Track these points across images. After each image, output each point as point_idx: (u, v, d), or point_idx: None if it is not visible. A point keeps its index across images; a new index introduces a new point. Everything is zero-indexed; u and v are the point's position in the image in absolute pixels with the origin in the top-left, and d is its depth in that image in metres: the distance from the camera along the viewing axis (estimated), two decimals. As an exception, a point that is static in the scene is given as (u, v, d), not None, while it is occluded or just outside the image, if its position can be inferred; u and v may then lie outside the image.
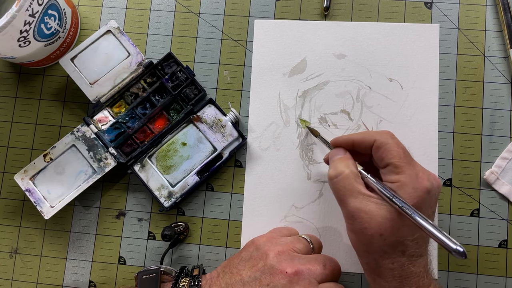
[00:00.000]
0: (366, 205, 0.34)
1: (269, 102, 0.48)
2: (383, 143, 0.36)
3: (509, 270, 0.44)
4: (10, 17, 0.38)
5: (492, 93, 0.47)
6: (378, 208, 0.34)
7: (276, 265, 0.36)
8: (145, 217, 0.47)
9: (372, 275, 0.36)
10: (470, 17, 0.48)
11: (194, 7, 0.50)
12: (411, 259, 0.34)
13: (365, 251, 0.35)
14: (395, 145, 0.36)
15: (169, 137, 0.46)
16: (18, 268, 0.47)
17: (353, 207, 0.34)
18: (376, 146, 0.36)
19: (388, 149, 0.35)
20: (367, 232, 0.34)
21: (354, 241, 0.36)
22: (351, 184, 0.35)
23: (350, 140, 0.39)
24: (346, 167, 0.36)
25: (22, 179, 0.45)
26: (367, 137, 0.37)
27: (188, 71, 0.46)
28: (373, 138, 0.37)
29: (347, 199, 0.35)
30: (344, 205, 0.35)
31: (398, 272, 0.34)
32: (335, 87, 0.47)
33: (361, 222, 0.34)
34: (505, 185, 0.45)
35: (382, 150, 0.36)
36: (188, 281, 0.38)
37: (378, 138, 0.36)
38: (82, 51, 0.46)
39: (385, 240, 0.33)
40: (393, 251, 0.34)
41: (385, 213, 0.33)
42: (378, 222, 0.33)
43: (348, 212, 0.35)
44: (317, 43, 0.48)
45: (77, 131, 0.45)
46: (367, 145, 0.37)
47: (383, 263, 0.34)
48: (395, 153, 0.35)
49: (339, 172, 0.36)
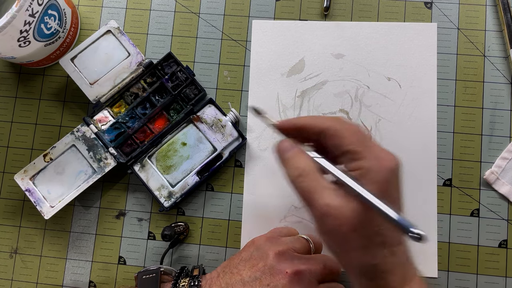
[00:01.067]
0: (334, 200, 0.30)
1: (267, 102, 0.48)
2: (336, 130, 0.32)
3: (509, 270, 0.44)
4: (10, 17, 0.38)
5: (492, 93, 0.47)
6: (348, 201, 0.30)
7: (276, 265, 0.36)
8: (145, 217, 0.47)
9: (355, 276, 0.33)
10: (470, 17, 0.48)
11: (194, 7, 0.50)
12: (392, 249, 0.31)
13: (343, 251, 0.32)
14: (348, 130, 0.32)
15: (169, 137, 0.46)
16: (18, 268, 0.47)
17: (322, 206, 0.31)
18: (330, 134, 0.33)
19: (342, 135, 0.32)
20: (340, 230, 0.30)
21: (328, 244, 0.33)
22: (315, 180, 0.32)
23: (299, 124, 0.35)
24: (305, 163, 0.33)
25: (22, 179, 0.45)
26: (317, 123, 0.34)
27: (188, 71, 0.46)
28: (325, 124, 0.33)
29: (314, 197, 0.31)
30: (312, 205, 0.32)
31: (381, 266, 0.31)
32: (334, 86, 0.47)
33: (333, 220, 0.30)
34: (505, 185, 0.45)
35: (335, 137, 0.32)
36: (188, 281, 0.38)
37: (331, 125, 0.33)
38: (82, 51, 0.46)
39: (361, 233, 0.30)
40: (372, 243, 0.31)
41: (355, 205, 0.30)
42: (350, 216, 0.30)
43: (317, 211, 0.31)
44: (315, 43, 0.48)
45: (77, 131, 0.45)
46: (316, 131, 0.34)
47: (364, 260, 0.31)
48: (349, 139, 0.32)
49: (301, 171, 0.33)
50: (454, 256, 0.45)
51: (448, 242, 0.45)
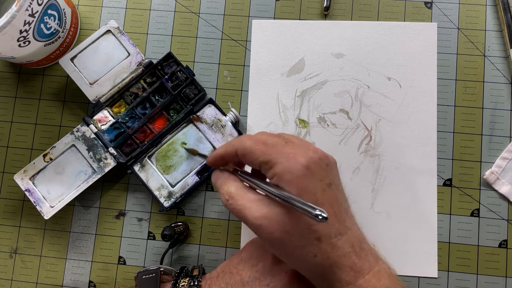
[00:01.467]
0: (260, 210, 0.32)
1: (267, 103, 0.48)
2: (245, 148, 0.34)
3: (509, 270, 0.44)
4: (10, 17, 0.38)
5: (492, 93, 0.47)
6: (271, 207, 0.32)
7: (275, 266, 0.36)
8: (145, 217, 0.47)
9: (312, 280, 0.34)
10: (470, 17, 0.48)
11: (194, 7, 0.50)
12: (331, 241, 0.31)
13: (286, 256, 0.33)
14: (254, 143, 0.34)
15: (169, 137, 0.46)
16: (18, 268, 0.47)
17: (253, 219, 0.32)
18: (242, 154, 0.34)
19: (251, 151, 0.33)
20: (275, 236, 0.31)
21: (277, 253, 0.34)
22: (242, 198, 0.33)
23: (218, 155, 0.37)
24: (232, 187, 0.34)
25: (22, 179, 0.45)
26: (228, 148, 0.36)
27: (188, 71, 0.46)
28: (234, 147, 0.35)
29: (246, 215, 0.32)
30: (245, 221, 0.33)
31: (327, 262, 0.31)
32: (334, 86, 0.47)
33: (265, 228, 0.31)
34: (505, 185, 0.45)
35: (247, 155, 0.34)
36: (188, 281, 0.38)
37: (238, 146, 0.34)
38: (82, 51, 0.46)
39: (293, 234, 0.31)
40: (308, 242, 0.31)
41: (278, 209, 0.31)
42: (277, 220, 0.31)
43: (251, 225, 0.32)
44: (315, 42, 0.48)
45: (77, 131, 0.45)
46: (233, 155, 0.35)
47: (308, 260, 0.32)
48: (257, 151, 0.33)
49: (228, 195, 0.34)
50: (454, 256, 0.45)
51: (448, 242, 0.45)
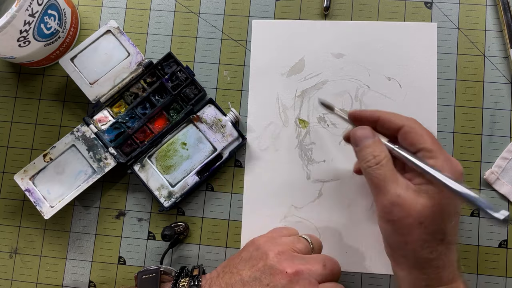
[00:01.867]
0: (405, 192, 0.33)
1: (267, 102, 0.48)
2: (413, 128, 0.35)
3: (509, 270, 0.44)
4: (10, 17, 0.38)
5: (492, 93, 0.47)
6: (418, 195, 0.33)
7: (276, 265, 0.36)
8: (145, 217, 0.47)
9: (408, 268, 0.35)
10: (470, 17, 0.48)
11: (194, 7, 0.50)
12: (449, 246, 0.33)
13: (402, 242, 0.34)
14: (424, 130, 0.35)
15: (169, 137, 0.46)
16: (18, 268, 0.47)
17: (394, 195, 0.33)
18: (406, 131, 0.35)
19: (420, 133, 0.34)
20: (406, 221, 0.32)
21: (389, 233, 0.35)
22: (391, 170, 0.34)
23: (375, 116, 0.37)
24: (384, 153, 0.35)
25: (22, 179, 0.45)
26: (394, 119, 0.36)
27: (188, 71, 0.46)
28: (402, 122, 0.35)
29: (387, 186, 0.33)
30: (383, 193, 0.34)
31: (436, 261, 0.33)
32: (334, 86, 0.47)
33: (400, 210, 0.33)
34: (505, 185, 0.45)
35: (413, 134, 0.34)
36: (188, 281, 0.38)
37: (407, 123, 0.35)
38: (82, 51, 0.46)
39: (425, 228, 0.32)
40: (433, 239, 0.33)
41: (424, 200, 0.32)
42: (418, 210, 0.32)
43: (387, 200, 0.33)
44: (315, 42, 0.48)
45: (77, 131, 0.45)
46: (393, 127, 0.36)
47: (422, 253, 0.33)
48: (427, 137, 0.34)
49: (379, 159, 0.34)
50: (454, 256, 0.45)
51: (448, 242, 0.45)
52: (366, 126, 0.37)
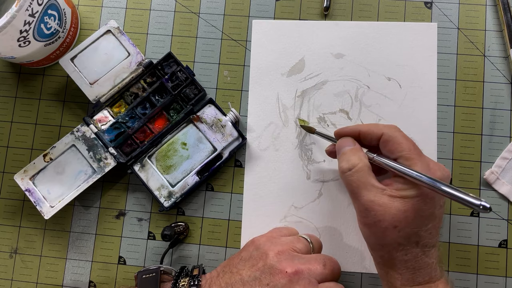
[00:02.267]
0: (380, 198, 0.34)
1: (268, 102, 0.48)
2: (391, 136, 0.36)
3: (509, 270, 0.44)
4: (10, 17, 0.38)
5: (492, 93, 0.47)
6: (392, 200, 0.34)
7: (276, 265, 0.36)
8: (145, 217, 0.47)
9: (385, 268, 0.36)
10: (470, 17, 0.48)
11: (194, 7, 0.50)
12: (424, 249, 0.34)
13: (378, 244, 0.35)
14: (403, 137, 0.36)
15: (169, 137, 0.46)
16: (18, 268, 0.47)
17: (367, 200, 0.34)
18: (385, 140, 0.36)
19: (398, 142, 0.35)
20: (381, 225, 0.34)
21: (367, 235, 0.36)
22: (364, 177, 0.35)
23: (356, 131, 0.38)
24: (359, 159, 0.36)
25: (22, 179, 0.45)
26: (374, 129, 0.37)
27: (188, 71, 0.46)
28: (381, 131, 0.37)
29: (361, 192, 0.35)
30: (358, 198, 0.35)
31: (412, 263, 0.34)
32: (334, 86, 0.47)
33: (375, 215, 0.34)
34: (505, 185, 0.45)
35: (391, 143, 0.36)
36: (188, 280, 0.38)
37: (386, 132, 0.36)
38: (82, 51, 0.46)
39: (399, 232, 0.34)
40: (408, 242, 0.34)
41: (398, 205, 0.33)
42: (392, 214, 0.33)
43: (362, 205, 0.35)
44: (315, 43, 0.48)
45: (77, 131, 0.45)
46: (373, 137, 0.37)
47: (397, 255, 0.34)
48: (405, 145, 0.35)
49: (353, 164, 0.36)
50: (454, 256, 0.45)
51: (448, 242, 0.45)
52: (348, 137, 0.39)
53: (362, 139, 0.39)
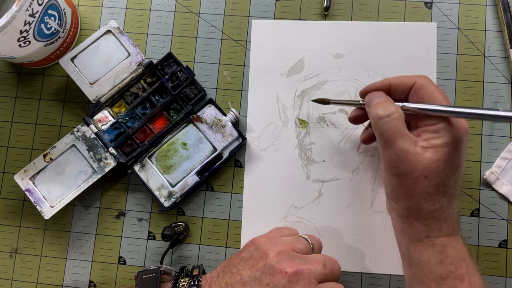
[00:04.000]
0: (414, 148, 0.34)
1: (267, 103, 0.48)
2: (424, 85, 0.36)
3: (509, 270, 0.44)
4: (10, 17, 0.38)
5: (492, 93, 0.47)
6: (424, 150, 0.34)
7: (276, 265, 0.36)
8: (145, 217, 0.47)
9: (410, 220, 0.36)
10: (470, 17, 0.48)
11: (194, 7, 0.50)
12: (450, 199, 0.35)
13: (407, 195, 0.35)
14: (436, 87, 0.36)
15: (169, 137, 0.46)
16: (18, 268, 0.47)
17: (402, 149, 0.34)
18: (417, 88, 0.36)
19: (430, 90, 0.36)
20: (412, 175, 0.34)
21: (395, 186, 0.36)
22: (401, 125, 0.35)
23: (387, 84, 0.38)
24: (396, 108, 0.36)
25: (22, 179, 0.45)
26: (405, 79, 0.37)
27: (188, 71, 0.46)
28: (413, 80, 0.37)
29: (397, 140, 0.35)
30: (392, 146, 0.35)
31: (438, 213, 0.35)
32: (333, 86, 0.47)
33: (408, 164, 0.34)
34: (505, 185, 0.45)
35: (423, 91, 0.36)
36: (188, 281, 0.38)
37: (418, 80, 0.36)
38: (82, 51, 0.46)
39: (430, 181, 0.34)
40: (436, 192, 0.34)
41: (430, 155, 0.34)
42: (424, 164, 0.34)
43: (395, 154, 0.35)
44: (314, 43, 0.48)
45: (77, 131, 0.45)
46: (405, 87, 0.37)
47: (425, 205, 0.35)
48: (437, 94, 0.35)
49: (390, 112, 0.35)
50: (454, 256, 0.45)
51: (448, 242, 0.45)
52: (379, 91, 0.38)
53: (393, 92, 0.38)
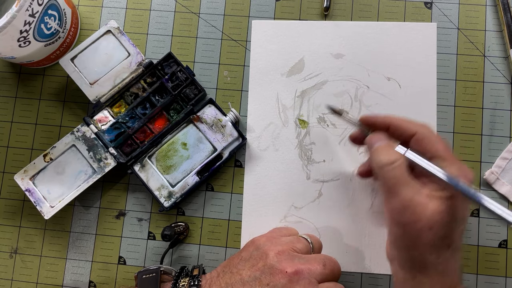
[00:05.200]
0: (419, 197, 0.33)
1: (267, 103, 0.48)
2: (426, 135, 0.35)
3: (509, 270, 0.44)
4: (10, 17, 0.38)
5: (492, 93, 0.47)
6: (429, 200, 0.32)
7: (276, 265, 0.36)
8: (145, 217, 0.47)
9: (413, 271, 0.35)
10: (470, 17, 0.48)
11: (194, 7, 0.50)
12: (454, 252, 0.34)
13: (411, 245, 0.34)
14: (438, 138, 0.35)
15: (169, 137, 0.46)
16: (18, 268, 0.47)
17: (406, 198, 0.33)
18: (419, 138, 0.35)
19: (433, 141, 0.35)
20: (416, 225, 0.32)
21: (399, 235, 0.35)
22: (405, 173, 0.34)
23: (386, 123, 0.37)
24: (397, 156, 0.35)
25: (22, 179, 0.45)
26: (407, 125, 0.36)
27: (188, 71, 0.46)
28: (415, 129, 0.36)
29: (400, 188, 0.33)
30: (395, 195, 0.33)
31: (442, 266, 0.33)
32: (333, 86, 0.47)
33: (412, 214, 0.32)
34: (505, 185, 0.45)
35: (426, 142, 0.35)
36: (188, 281, 0.38)
37: (420, 130, 0.35)
38: (82, 51, 0.46)
39: (435, 234, 0.32)
40: (441, 244, 0.33)
41: (436, 205, 0.32)
42: (428, 215, 0.32)
43: (399, 202, 0.33)
44: (314, 43, 0.48)
45: (77, 131, 0.45)
46: (405, 134, 0.36)
47: (429, 258, 0.33)
48: (440, 145, 0.34)
49: (394, 159, 0.34)
50: (454, 256, 0.45)
51: (448, 242, 0.45)
52: (382, 133, 0.37)
53: (391, 133, 0.37)
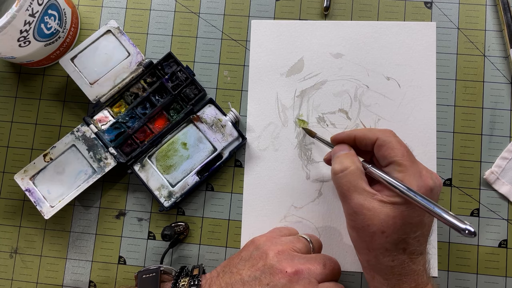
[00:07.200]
0: (370, 202, 0.34)
1: (267, 103, 0.48)
2: (385, 141, 0.36)
3: (509, 270, 0.44)
4: (10, 17, 0.38)
5: (492, 93, 0.47)
6: (381, 205, 0.34)
7: (276, 265, 0.36)
8: (145, 217, 0.47)
9: (371, 272, 0.36)
10: (470, 17, 0.48)
11: (194, 7, 0.50)
12: (412, 256, 0.34)
13: (365, 248, 0.35)
14: (397, 143, 0.36)
15: (169, 137, 0.46)
16: (18, 268, 0.47)
17: (357, 203, 0.34)
18: (379, 144, 0.36)
19: (391, 147, 0.35)
20: (369, 230, 0.34)
21: (354, 238, 0.36)
22: (356, 180, 0.35)
23: (352, 136, 0.39)
24: (352, 163, 0.36)
25: (22, 179, 0.45)
26: (368, 134, 0.37)
27: (188, 71, 0.46)
28: (375, 135, 0.37)
29: (351, 195, 0.35)
30: (347, 201, 0.35)
31: (398, 269, 0.34)
32: (333, 86, 0.47)
33: (363, 219, 0.34)
34: (505, 185, 0.45)
35: (385, 148, 0.36)
36: (188, 280, 0.38)
37: (380, 136, 0.36)
38: (82, 51, 0.46)
39: (387, 237, 0.33)
40: (395, 248, 0.34)
41: (388, 210, 0.33)
42: (381, 220, 0.33)
43: (351, 208, 0.35)
44: (314, 42, 0.48)
45: (77, 131, 0.45)
46: (368, 142, 0.37)
47: (383, 261, 0.34)
48: (398, 151, 0.35)
49: (345, 167, 0.36)
50: (454, 256, 0.45)
51: (448, 242, 0.45)
52: (344, 144, 0.39)
53: (358, 144, 0.39)
